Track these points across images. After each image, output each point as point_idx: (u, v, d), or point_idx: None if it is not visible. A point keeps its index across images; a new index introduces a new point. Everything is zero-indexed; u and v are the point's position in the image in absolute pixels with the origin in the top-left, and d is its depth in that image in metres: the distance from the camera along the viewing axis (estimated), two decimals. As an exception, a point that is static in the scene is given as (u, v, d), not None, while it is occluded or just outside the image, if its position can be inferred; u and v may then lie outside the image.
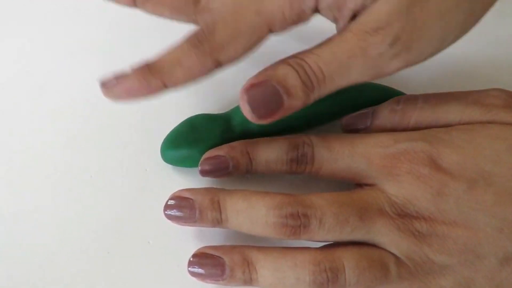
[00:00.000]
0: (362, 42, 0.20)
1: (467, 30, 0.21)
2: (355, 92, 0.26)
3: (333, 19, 0.22)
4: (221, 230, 0.24)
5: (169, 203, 0.23)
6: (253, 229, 0.21)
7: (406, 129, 0.24)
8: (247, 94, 0.21)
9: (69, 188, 0.26)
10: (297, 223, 0.20)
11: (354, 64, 0.20)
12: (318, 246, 0.22)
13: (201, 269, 0.21)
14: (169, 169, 0.26)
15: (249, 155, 0.24)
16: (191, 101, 0.28)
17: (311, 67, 0.20)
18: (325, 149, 0.23)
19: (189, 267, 0.22)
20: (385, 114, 0.24)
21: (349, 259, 0.20)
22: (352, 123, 0.25)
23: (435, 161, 0.21)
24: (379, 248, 0.21)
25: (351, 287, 0.20)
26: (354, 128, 0.25)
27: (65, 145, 0.28)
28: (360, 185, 0.23)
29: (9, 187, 0.26)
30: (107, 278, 0.24)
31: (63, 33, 0.32)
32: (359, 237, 0.21)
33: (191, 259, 0.22)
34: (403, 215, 0.21)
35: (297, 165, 0.24)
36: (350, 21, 0.21)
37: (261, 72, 0.21)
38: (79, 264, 0.24)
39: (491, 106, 0.22)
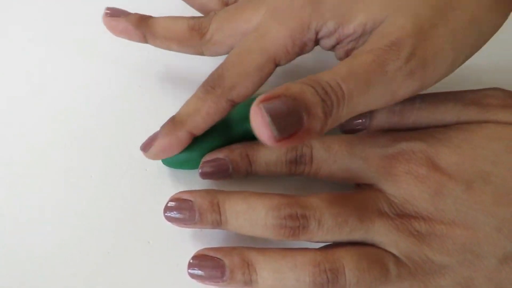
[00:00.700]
0: (378, 57, 0.19)
1: (476, 51, 0.22)
2: None
3: (333, 48, 0.23)
4: (220, 229, 0.24)
5: (169, 205, 0.23)
6: (252, 231, 0.21)
7: (404, 130, 0.24)
8: (265, 105, 0.17)
9: (69, 188, 0.26)
10: (296, 224, 0.20)
11: (372, 80, 0.19)
12: (318, 247, 0.22)
13: (201, 271, 0.21)
14: (169, 169, 0.26)
15: (248, 157, 0.24)
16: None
17: (329, 83, 0.18)
18: (324, 150, 0.23)
19: (188, 269, 0.22)
20: (383, 114, 0.24)
21: (349, 260, 0.20)
22: (350, 123, 0.25)
23: (433, 161, 0.21)
24: (379, 248, 0.21)
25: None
26: (352, 128, 0.25)
27: (65, 145, 0.28)
28: (359, 186, 0.23)
29: (9, 187, 0.26)
30: (107, 278, 0.24)
31: (63, 33, 0.32)
32: (358, 237, 0.21)
33: (191, 261, 0.22)
34: (402, 215, 0.21)
35: (296, 166, 0.24)
36: (349, 49, 0.22)
37: (273, 90, 0.18)
38: (79, 264, 0.24)
39: (488, 105, 0.22)
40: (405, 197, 0.21)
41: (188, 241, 0.25)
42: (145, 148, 0.24)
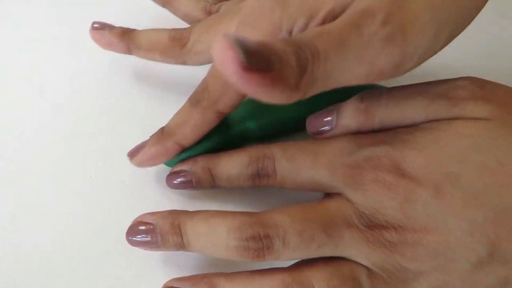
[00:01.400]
0: (351, 21, 0.18)
1: (462, 27, 0.20)
2: (351, 90, 0.24)
3: None
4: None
5: (131, 228, 0.22)
6: (215, 253, 0.21)
7: (371, 130, 0.22)
8: (229, 35, 0.15)
9: (69, 188, 0.26)
10: (259, 246, 0.20)
11: (347, 41, 0.17)
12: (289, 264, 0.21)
13: None
14: (169, 169, 0.26)
15: (210, 171, 0.24)
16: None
17: (302, 39, 0.17)
18: (286, 161, 0.22)
19: None
20: (349, 113, 0.23)
21: (319, 280, 0.19)
22: (317, 122, 0.24)
23: (400, 166, 0.20)
24: (350, 261, 0.20)
25: None
26: (318, 130, 0.24)
27: (66, 145, 0.28)
28: (328, 194, 0.22)
29: (9, 187, 0.26)
30: (107, 278, 0.23)
31: (64, 33, 0.33)
32: (327, 252, 0.20)
33: None
34: (372, 226, 0.20)
35: (259, 179, 0.23)
36: None
37: None
38: (79, 264, 0.24)
39: (457, 99, 0.21)
40: (374, 206, 0.20)
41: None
42: (132, 155, 0.25)
